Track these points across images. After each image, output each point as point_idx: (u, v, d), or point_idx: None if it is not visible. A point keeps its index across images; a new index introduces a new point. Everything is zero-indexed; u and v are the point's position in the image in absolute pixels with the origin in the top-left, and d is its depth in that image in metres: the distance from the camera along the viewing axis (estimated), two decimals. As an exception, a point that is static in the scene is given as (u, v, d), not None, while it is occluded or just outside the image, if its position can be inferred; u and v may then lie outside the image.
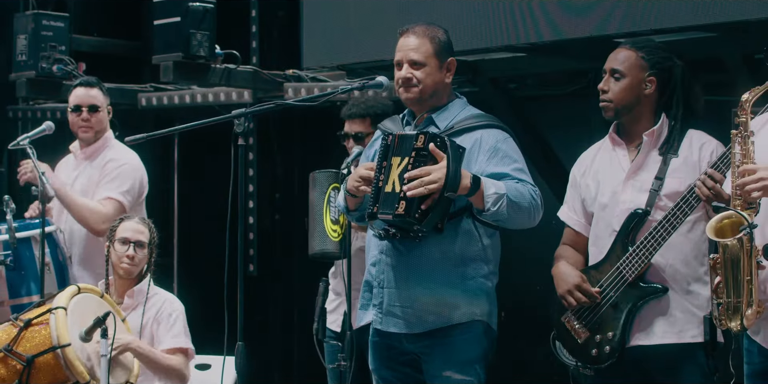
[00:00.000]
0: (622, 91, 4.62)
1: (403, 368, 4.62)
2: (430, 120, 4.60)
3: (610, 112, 4.66)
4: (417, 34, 4.59)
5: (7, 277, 5.77)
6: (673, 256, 4.56)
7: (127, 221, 5.54)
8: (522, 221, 4.47)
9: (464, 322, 4.50)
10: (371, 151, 4.73)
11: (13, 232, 5.72)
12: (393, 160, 4.41)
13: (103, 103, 6.18)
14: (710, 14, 5.20)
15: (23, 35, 7.66)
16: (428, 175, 4.29)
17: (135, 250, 5.44)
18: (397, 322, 4.54)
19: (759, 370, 4.15)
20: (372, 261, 4.61)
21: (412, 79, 4.54)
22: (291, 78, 7.11)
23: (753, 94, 4.06)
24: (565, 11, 5.68)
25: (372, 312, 4.60)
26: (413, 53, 4.55)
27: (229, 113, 4.49)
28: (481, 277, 4.53)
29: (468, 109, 4.65)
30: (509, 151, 4.54)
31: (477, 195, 4.35)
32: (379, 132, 4.75)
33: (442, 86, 4.61)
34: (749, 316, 3.98)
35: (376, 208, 4.40)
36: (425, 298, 4.50)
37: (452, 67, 4.63)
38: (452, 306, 4.50)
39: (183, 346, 5.37)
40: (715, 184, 4.31)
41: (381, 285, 4.56)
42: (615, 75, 4.64)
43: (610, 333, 4.60)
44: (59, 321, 4.96)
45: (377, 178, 4.42)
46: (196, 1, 6.81)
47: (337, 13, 6.60)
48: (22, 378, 4.95)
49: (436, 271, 4.50)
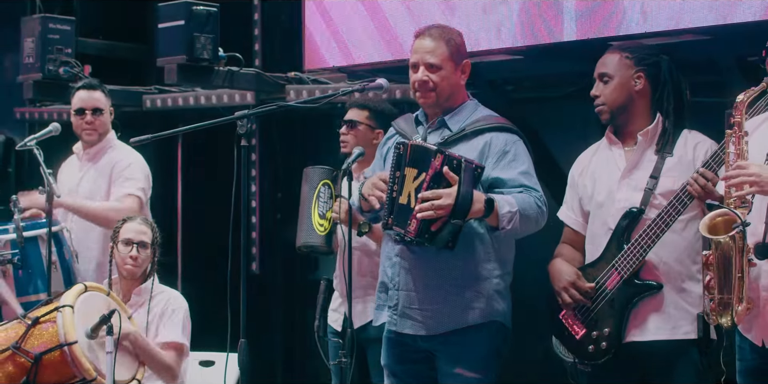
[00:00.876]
0: (613, 92, 4.64)
1: (416, 365, 4.62)
2: (442, 122, 4.59)
3: (605, 115, 4.67)
4: (433, 36, 4.56)
5: (15, 275, 5.77)
6: (667, 254, 4.56)
7: (130, 222, 5.54)
8: (530, 229, 4.51)
9: (479, 323, 4.51)
10: (385, 148, 4.73)
11: (21, 231, 5.73)
12: (407, 171, 4.39)
13: (105, 105, 6.21)
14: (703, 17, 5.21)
15: (30, 38, 7.66)
16: (439, 198, 4.28)
17: (138, 251, 5.45)
18: (412, 325, 4.54)
19: (751, 366, 4.16)
20: (388, 263, 4.61)
21: (429, 82, 4.53)
22: (293, 80, 7.11)
23: (748, 96, 4.08)
24: (561, 15, 5.68)
25: (387, 313, 4.60)
26: (429, 56, 4.53)
27: (232, 115, 4.50)
28: (495, 277, 4.54)
29: (479, 111, 4.64)
30: (518, 154, 4.54)
31: (492, 216, 4.37)
32: (392, 130, 4.75)
33: (458, 88, 4.60)
34: (740, 313, 4.00)
35: (391, 219, 4.42)
36: (440, 301, 4.51)
37: (467, 69, 4.61)
38: (468, 308, 4.50)
39: (178, 341, 5.35)
40: (707, 182, 4.33)
41: (396, 287, 4.56)
42: (603, 79, 4.66)
43: (606, 329, 4.61)
44: (66, 319, 4.97)
45: (391, 187, 4.42)
46: (200, 5, 6.81)
47: (338, 16, 6.60)
48: (30, 375, 4.96)
49: (451, 273, 4.50)
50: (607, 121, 4.70)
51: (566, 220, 4.87)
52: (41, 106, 8.11)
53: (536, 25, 5.76)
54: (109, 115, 6.22)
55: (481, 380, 4.49)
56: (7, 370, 5.00)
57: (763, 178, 3.93)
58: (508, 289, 4.58)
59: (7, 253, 5.75)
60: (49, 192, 5.68)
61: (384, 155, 4.69)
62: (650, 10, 5.37)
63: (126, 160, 6.11)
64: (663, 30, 5.33)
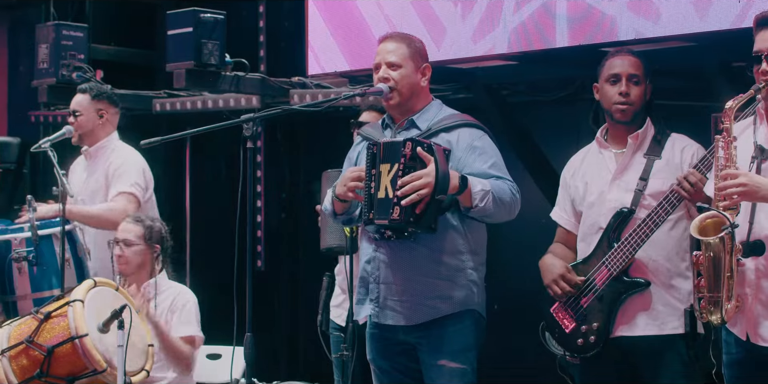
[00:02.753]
0: (641, 96, 4.63)
1: (399, 358, 4.62)
2: (411, 122, 4.61)
3: (629, 115, 4.62)
4: (394, 39, 4.65)
5: (30, 272, 5.78)
6: (656, 252, 4.57)
7: (122, 222, 5.56)
8: (503, 215, 4.50)
9: (457, 312, 4.51)
10: (354, 153, 4.75)
11: (36, 229, 5.74)
12: (382, 167, 4.40)
13: (86, 107, 6.22)
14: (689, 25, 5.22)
15: (45, 45, 7.68)
16: (419, 179, 4.31)
17: (122, 249, 5.45)
18: (393, 315, 4.54)
19: (736, 359, 4.17)
20: (366, 258, 4.61)
21: (389, 79, 4.57)
22: (296, 85, 7.10)
23: (736, 102, 4.05)
24: (554, 22, 5.70)
25: (369, 306, 4.61)
26: (390, 55, 4.59)
27: (239, 118, 4.50)
28: (469, 268, 4.54)
29: (444, 110, 4.67)
30: (486, 148, 4.55)
31: (465, 193, 4.37)
32: (359, 137, 4.77)
33: (419, 89, 4.62)
34: (729, 310, 4.00)
35: (372, 214, 4.41)
36: (419, 291, 4.51)
37: (427, 72, 4.64)
38: (444, 297, 4.51)
39: (193, 335, 5.38)
40: (692, 185, 4.35)
41: (376, 280, 4.57)
42: (633, 80, 4.62)
43: (595, 324, 4.61)
44: (77, 313, 4.98)
45: (368, 185, 4.42)
46: (207, 13, 6.82)
47: (340, 23, 6.62)
48: (43, 367, 4.97)
49: (428, 265, 4.50)
50: (626, 122, 4.64)
51: (559, 220, 4.87)
52: (55, 109, 8.12)
53: (530, 32, 5.78)
54: (92, 117, 6.22)
55: (464, 370, 4.50)
56: (21, 363, 5.02)
57: (749, 186, 3.93)
58: (483, 281, 4.59)
59: (23, 251, 5.77)
60: (62, 192, 5.70)
61: (354, 160, 4.71)
62: (638, 18, 5.38)
63: (119, 160, 6.13)
64: (650, 37, 5.34)
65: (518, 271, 5.50)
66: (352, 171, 4.53)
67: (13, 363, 5.03)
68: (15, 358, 5.03)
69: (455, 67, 6.20)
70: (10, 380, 5.00)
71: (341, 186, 4.54)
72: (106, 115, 6.26)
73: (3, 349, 5.04)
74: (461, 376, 4.50)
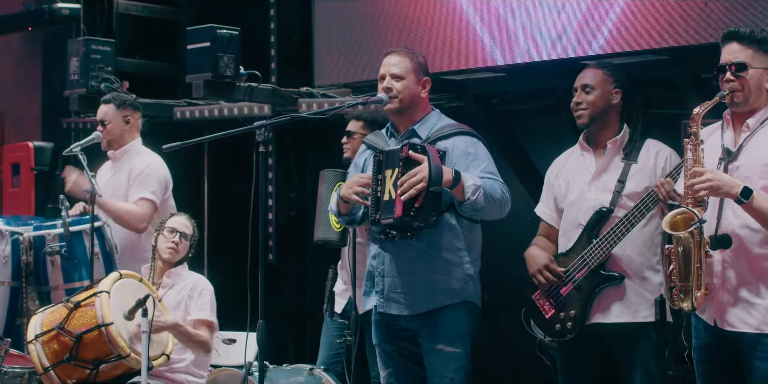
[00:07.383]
0: (595, 101, 4.64)
1: (401, 343, 4.64)
2: (412, 131, 4.62)
3: (585, 119, 4.65)
4: (399, 53, 4.65)
5: (62, 264, 5.79)
6: (630, 248, 4.58)
7: (177, 216, 5.58)
8: (494, 212, 4.50)
9: (454, 303, 4.52)
10: (360, 159, 4.76)
11: (68, 226, 5.75)
12: (386, 172, 4.44)
13: (113, 116, 6.20)
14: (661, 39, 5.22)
15: (75, 58, 7.67)
16: (414, 176, 4.32)
17: (180, 239, 5.45)
18: (397, 306, 4.56)
19: (705, 343, 4.17)
20: (373, 254, 4.63)
21: (392, 89, 4.56)
22: (305, 94, 7.09)
23: (703, 108, 4.07)
24: (538, 38, 5.71)
25: (375, 297, 4.62)
26: (394, 68, 4.60)
27: (251, 125, 4.51)
28: (466, 263, 4.55)
29: (443, 119, 4.68)
30: (479, 154, 4.57)
31: (458, 187, 4.38)
32: (364, 146, 4.77)
33: (419, 100, 4.62)
34: (699, 298, 4.00)
35: (378, 215, 4.43)
36: (420, 284, 4.52)
37: (427, 85, 4.65)
38: (443, 290, 4.52)
39: (208, 319, 5.36)
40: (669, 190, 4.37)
41: (381, 274, 4.58)
42: (586, 89, 4.65)
43: (573, 311, 4.62)
44: (103, 303, 4.99)
45: (375, 189, 4.46)
46: (223, 29, 6.81)
47: (344, 38, 6.62)
48: (72, 351, 4.99)
49: (427, 260, 4.52)
50: (584, 126, 4.68)
51: (542, 216, 4.87)
52: (85, 116, 8.10)
53: (517, 47, 5.79)
54: (119, 125, 6.19)
55: (460, 353, 4.53)
56: (53, 347, 5.03)
57: (714, 182, 3.94)
58: (478, 274, 4.59)
59: (56, 245, 5.78)
60: (92, 192, 5.70)
61: (362, 167, 4.70)
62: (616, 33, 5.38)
63: (141, 165, 6.10)
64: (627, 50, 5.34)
65: (505, 263, 5.49)
66: (361, 177, 4.55)
67: (46, 347, 5.03)
68: (47, 343, 5.04)
69: (449, 78, 6.20)
70: (43, 363, 5.00)
71: (346, 188, 4.54)
72: (132, 120, 6.26)
73: (36, 335, 5.06)
74: (457, 359, 4.52)
